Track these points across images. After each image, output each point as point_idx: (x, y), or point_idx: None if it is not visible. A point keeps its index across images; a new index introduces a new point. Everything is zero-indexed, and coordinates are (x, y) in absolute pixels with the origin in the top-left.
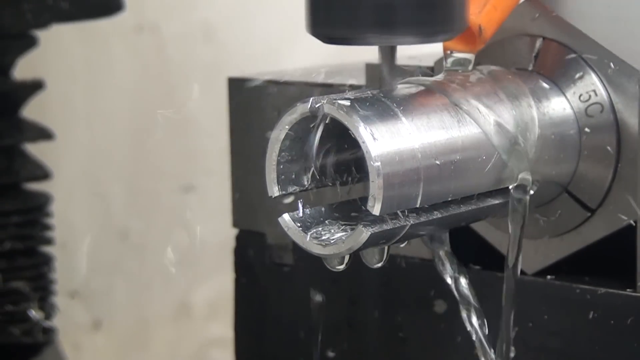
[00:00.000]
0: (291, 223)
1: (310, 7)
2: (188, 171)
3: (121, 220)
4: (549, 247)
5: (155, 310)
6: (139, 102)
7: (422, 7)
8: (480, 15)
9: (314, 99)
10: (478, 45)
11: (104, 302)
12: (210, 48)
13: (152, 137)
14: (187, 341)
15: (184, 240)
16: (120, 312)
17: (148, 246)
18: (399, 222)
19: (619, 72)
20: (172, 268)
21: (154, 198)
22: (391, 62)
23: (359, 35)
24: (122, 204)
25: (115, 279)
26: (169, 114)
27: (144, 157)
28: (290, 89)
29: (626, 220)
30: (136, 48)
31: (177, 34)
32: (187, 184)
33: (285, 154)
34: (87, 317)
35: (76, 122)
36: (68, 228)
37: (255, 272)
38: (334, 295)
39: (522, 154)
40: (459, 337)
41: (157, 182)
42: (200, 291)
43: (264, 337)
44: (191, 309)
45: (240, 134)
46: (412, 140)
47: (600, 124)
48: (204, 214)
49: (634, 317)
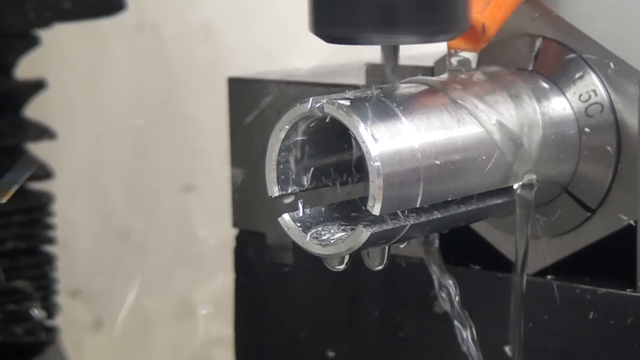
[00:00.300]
0: (291, 223)
1: (312, 6)
2: (189, 171)
3: (122, 220)
4: (549, 247)
5: (157, 310)
6: (140, 102)
7: (425, 7)
8: (483, 14)
9: (313, 99)
10: (481, 44)
11: (104, 301)
12: (211, 48)
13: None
14: (188, 340)
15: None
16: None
17: (149, 245)
18: (399, 222)
19: (619, 72)
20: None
21: (154, 197)
22: (394, 62)
23: (361, 35)
24: (123, 204)
25: (116, 278)
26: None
27: (144, 156)
28: (290, 89)
29: (626, 221)
30: (137, 48)
31: (177, 33)
32: (187, 183)
33: (285, 154)
34: (88, 317)
35: (77, 122)
36: (69, 227)
37: (255, 272)
38: (334, 295)
39: (527, 154)
40: (459, 337)
41: (158, 182)
42: (201, 290)
43: (264, 337)
44: (192, 308)
45: (240, 134)
46: (412, 140)
47: (600, 124)
48: (204, 214)
49: (634, 317)
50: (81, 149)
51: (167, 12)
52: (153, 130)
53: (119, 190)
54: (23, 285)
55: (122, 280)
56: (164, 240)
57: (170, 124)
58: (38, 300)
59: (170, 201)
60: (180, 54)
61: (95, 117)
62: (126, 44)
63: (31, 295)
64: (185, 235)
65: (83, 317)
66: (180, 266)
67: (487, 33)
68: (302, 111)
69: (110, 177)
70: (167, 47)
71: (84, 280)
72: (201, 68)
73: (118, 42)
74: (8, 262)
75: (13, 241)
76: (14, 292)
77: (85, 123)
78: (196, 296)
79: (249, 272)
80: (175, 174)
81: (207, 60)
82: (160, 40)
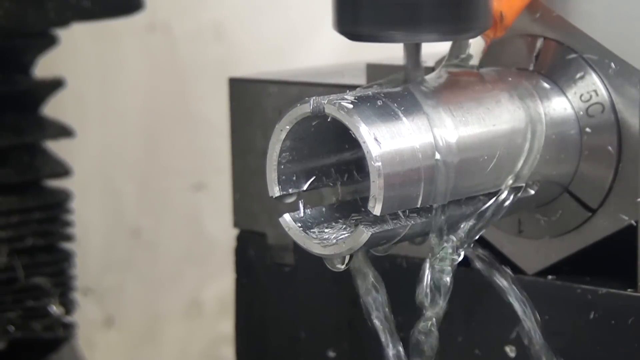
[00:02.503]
0: (292, 223)
1: (336, 5)
2: (199, 169)
3: (133, 218)
4: (550, 247)
5: (167, 307)
6: (151, 101)
7: (448, 5)
8: (501, 2)
9: (314, 99)
10: (499, 32)
11: (116, 299)
12: (221, 47)
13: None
14: (197, 338)
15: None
16: (132, 309)
17: (160, 244)
18: (399, 222)
19: (620, 72)
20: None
21: (165, 196)
22: (416, 60)
23: (385, 33)
24: (134, 202)
25: (127, 276)
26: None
27: (155, 155)
28: (291, 89)
29: (627, 220)
30: (148, 47)
31: (188, 33)
32: (198, 182)
33: (286, 154)
34: (99, 314)
35: (89, 121)
36: (81, 225)
37: (256, 272)
38: (335, 295)
39: (529, 154)
40: (459, 337)
41: (168, 181)
42: (211, 288)
43: (264, 337)
44: (201, 306)
45: (241, 134)
46: (413, 141)
47: (601, 124)
48: (214, 212)
49: (635, 317)
50: (92, 147)
51: (178, 11)
52: (164, 129)
53: (130, 188)
54: (42, 281)
55: (133, 278)
56: (175, 239)
57: (181, 123)
58: (56, 296)
59: (180, 200)
60: (191, 54)
61: (106, 116)
62: (138, 43)
63: (49, 292)
64: (195, 234)
65: (94, 315)
66: (190, 264)
67: (505, 21)
68: (303, 111)
69: (121, 175)
70: (178, 47)
71: (95, 278)
72: (212, 67)
73: (130, 41)
74: (27, 259)
75: (32, 238)
76: (33, 289)
77: (97, 122)
78: (206, 294)
79: (250, 272)
80: (186, 172)
81: (218, 59)
82: (172, 40)
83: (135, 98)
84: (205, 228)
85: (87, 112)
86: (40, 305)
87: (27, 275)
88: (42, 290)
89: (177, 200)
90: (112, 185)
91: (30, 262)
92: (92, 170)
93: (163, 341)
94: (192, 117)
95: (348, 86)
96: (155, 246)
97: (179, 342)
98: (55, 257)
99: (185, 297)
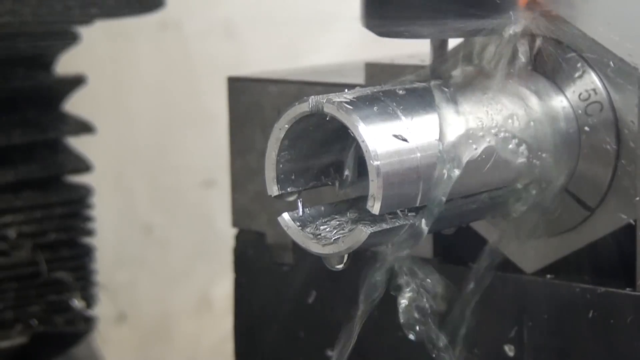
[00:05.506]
0: (291, 222)
1: (364, 1)
2: (210, 167)
3: (145, 215)
4: (549, 246)
5: (178, 304)
6: (163, 98)
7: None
8: None
9: (313, 98)
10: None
11: (128, 295)
12: (232, 45)
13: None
14: (208, 334)
15: (206, 234)
16: (144, 305)
17: (171, 240)
18: (398, 222)
19: (618, 71)
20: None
21: (177, 193)
22: (441, 55)
23: (412, 29)
24: (146, 199)
25: (139, 273)
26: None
27: (167, 152)
28: (290, 88)
29: (626, 219)
30: (160, 45)
31: (199, 31)
32: (209, 179)
33: (285, 153)
34: (111, 310)
35: (101, 118)
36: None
37: (255, 271)
38: (334, 294)
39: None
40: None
41: (180, 178)
42: (222, 284)
43: (264, 337)
44: (212, 302)
45: (239, 134)
46: (411, 140)
47: (600, 123)
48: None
49: (634, 316)
50: (105, 145)
51: (189, 10)
52: (175, 126)
53: (141, 185)
54: (64, 276)
55: (145, 275)
56: (186, 235)
57: (192, 121)
58: (77, 291)
59: (192, 197)
60: (202, 52)
61: (119, 113)
62: (150, 41)
63: (71, 286)
64: (206, 231)
65: (107, 311)
66: (201, 260)
67: None
68: (301, 110)
69: (133, 172)
70: (190, 45)
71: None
72: (223, 65)
73: (142, 39)
74: (50, 254)
75: (55, 233)
76: (55, 283)
77: (109, 119)
78: (216, 290)
79: (249, 271)
80: (197, 170)
81: (229, 57)
82: (183, 38)
83: (147, 96)
84: (216, 225)
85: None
86: (63, 299)
87: (49, 269)
88: (64, 284)
89: (188, 197)
90: (124, 182)
91: (52, 256)
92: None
93: (174, 337)
94: (203, 114)
95: (347, 85)
96: (167, 243)
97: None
98: (76, 251)
99: (197, 293)
